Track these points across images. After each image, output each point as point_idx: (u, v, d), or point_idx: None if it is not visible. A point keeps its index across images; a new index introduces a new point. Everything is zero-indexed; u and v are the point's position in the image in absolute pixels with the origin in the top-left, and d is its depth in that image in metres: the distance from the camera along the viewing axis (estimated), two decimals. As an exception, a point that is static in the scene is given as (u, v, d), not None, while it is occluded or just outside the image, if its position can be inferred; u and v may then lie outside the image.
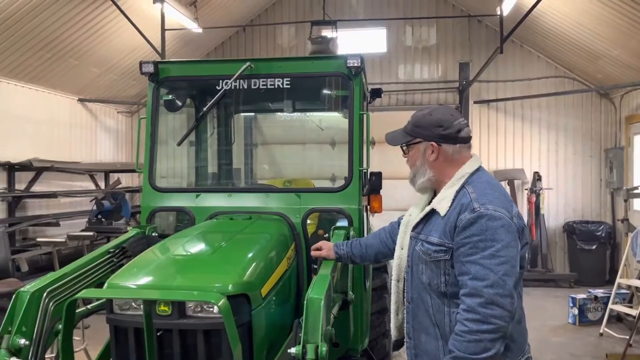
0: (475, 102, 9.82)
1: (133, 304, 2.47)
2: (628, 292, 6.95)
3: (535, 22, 8.24)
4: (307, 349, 2.18)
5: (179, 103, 4.13)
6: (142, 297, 2.29)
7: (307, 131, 5.23)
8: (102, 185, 9.54)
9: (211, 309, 2.41)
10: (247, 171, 5.54)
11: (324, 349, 2.19)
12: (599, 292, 7.03)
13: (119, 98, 9.90)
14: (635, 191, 7.41)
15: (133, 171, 9.81)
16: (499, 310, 1.93)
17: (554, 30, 8.39)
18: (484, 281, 1.95)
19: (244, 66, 3.72)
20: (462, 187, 2.15)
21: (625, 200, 7.94)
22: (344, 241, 3.00)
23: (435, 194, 2.30)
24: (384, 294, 4.46)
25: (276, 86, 3.79)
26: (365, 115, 3.71)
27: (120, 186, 9.21)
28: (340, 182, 3.82)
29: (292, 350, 2.22)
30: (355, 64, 3.61)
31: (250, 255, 2.86)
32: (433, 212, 2.21)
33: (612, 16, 6.80)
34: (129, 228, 8.14)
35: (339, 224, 3.86)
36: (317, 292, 2.39)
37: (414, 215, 2.35)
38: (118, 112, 10.38)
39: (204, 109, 3.97)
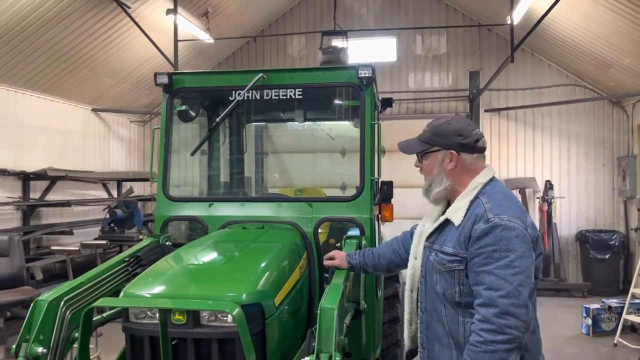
0: (486, 111, 9.81)
1: (148, 312, 2.50)
2: (642, 302, 6.87)
3: (546, 30, 8.23)
4: (320, 358, 2.20)
5: (193, 113, 4.18)
6: (158, 306, 2.32)
7: (318, 140, 5.26)
8: (114, 194, 9.64)
9: (225, 318, 2.43)
10: (258, 180, 5.59)
11: (337, 358, 2.20)
12: (613, 302, 6.96)
13: (131, 108, 10.02)
14: (649, 200, 7.34)
15: (145, 180, 9.91)
16: (514, 321, 1.93)
17: (565, 39, 8.38)
18: (498, 291, 1.95)
19: (257, 77, 3.76)
20: (476, 197, 2.16)
21: (639, 209, 7.87)
22: (357, 251, 3.01)
23: (448, 204, 2.31)
24: (396, 303, 4.46)
25: (288, 96, 3.83)
26: (376, 125, 3.73)
27: (132, 195, 9.30)
28: (350, 191, 3.84)
29: (306, 359, 2.24)
30: (367, 74, 3.64)
31: (263, 264, 2.89)
32: (447, 222, 2.22)
33: (624, 25, 6.79)
34: (141, 236, 8.25)
35: (350, 233, 3.88)
36: (330, 301, 2.40)
37: (428, 225, 2.36)
38: (131, 121, 10.50)
39: (217, 119, 4.02)
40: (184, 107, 4.11)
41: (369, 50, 10.17)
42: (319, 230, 3.72)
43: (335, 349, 2.23)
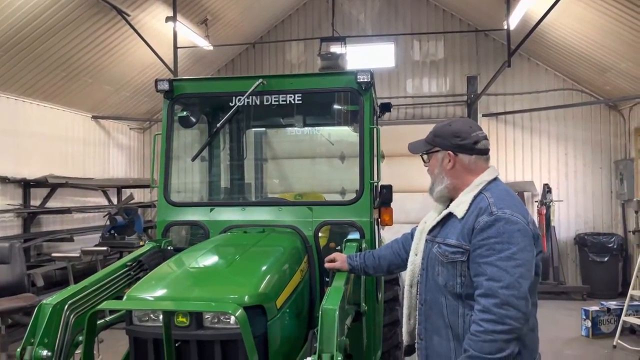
0: (483, 115, 9.86)
1: (152, 315, 2.54)
2: (641, 304, 6.90)
3: (543, 35, 8.30)
4: (322, 359, 2.23)
5: (193, 119, 4.22)
6: (161, 308, 2.35)
7: (317, 145, 5.31)
8: (114, 200, 9.66)
9: (228, 320, 2.47)
10: (257, 185, 5.62)
11: (339, 358, 2.23)
12: (612, 304, 6.98)
13: (131, 115, 10.07)
14: (647, 202, 7.39)
15: (145, 187, 9.95)
16: (513, 312, 1.98)
17: (561, 43, 8.45)
18: (499, 282, 2.00)
19: (257, 83, 3.81)
20: (480, 192, 2.22)
21: (637, 212, 7.91)
22: (357, 253, 3.05)
23: (450, 203, 2.37)
24: (396, 306, 4.48)
25: (288, 102, 3.87)
26: (375, 129, 3.77)
27: (132, 202, 9.33)
28: (350, 196, 3.88)
29: (308, 359, 2.27)
30: (365, 80, 3.69)
31: (264, 267, 2.92)
32: (449, 216, 2.28)
33: (620, 29, 6.85)
34: (141, 243, 8.28)
35: (350, 236, 3.91)
36: (331, 302, 2.43)
37: (429, 221, 2.42)
38: (130, 128, 10.54)
39: (218, 124, 4.06)
40: (184, 113, 4.15)
41: (367, 56, 10.24)
42: (319, 234, 3.76)
43: (336, 349, 2.26)
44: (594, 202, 9.60)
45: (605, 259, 8.95)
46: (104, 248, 7.14)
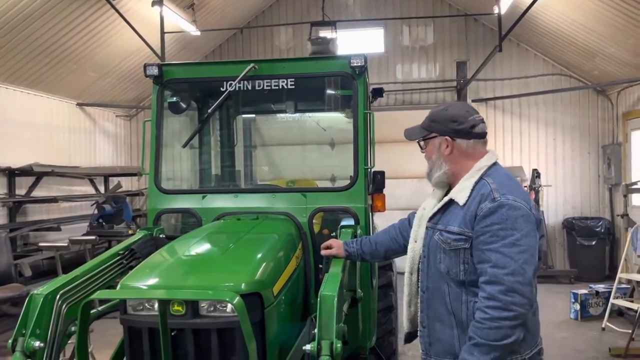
0: (473, 101, 9.85)
1: (146, 304, 2.48)
2: (629, 286, 6.99)
3: (532, 20, 8.28)
4: (322, 346, 2.21)
5: (183, 105, 4.14)
6: (157, 297, 2.30)
7: (309, 132, 5.25)
8: (101, 189, 9.53)
9: (224, 308, 2.43)
10: (248, 173, 5.56)
11: (338, 345, 2.21)
12: (600, 287, 7.07)
13: (117, 102, 9.90)
14: (635, 187, 7.46)
15: (133, 175, 9.82)
16: (519, 298, 1.97)
17: (551, 29, 8.44)
18: (504, 269, 1.99)
19: (248, 67, 3.74)
20: (481, 178, 2.20)
21: (625, 196, 7.99)
22: (353, 239, 3.02)
23: (450, 189, 2.34)
24: (390, 292, 4.48)
25: (280, 87, 3.81)
26: (370, 115, 3.73)
27: (120, 190, 9.21)
28: (340, 183, 3.84)
29: (307, 347, 2.24)
30: (359, 64, 3.65)
31: (260, 254, 2.88)
32: (451, 202, 2.25)
33: (610, 14, 6.85)
34: (130, 231, 8.19)
35: (343, 223, 3.89)
36: (330, 289, 2.41)
37: (428, 209, 2.39)
38: (116, 115, 10.38)
39: (209, 110, 3.98)
40: (174, 98, 4.07)
41: (356, 42, 10.15)
42: (313, 221, 3.72)
43: (335, 336, 2.24)
44: (581, 187, 9.68)
45: (593, 242, 9.06)
46: (93, 237, 7.06)
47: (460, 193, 2.20)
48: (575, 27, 7.85)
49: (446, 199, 2.28)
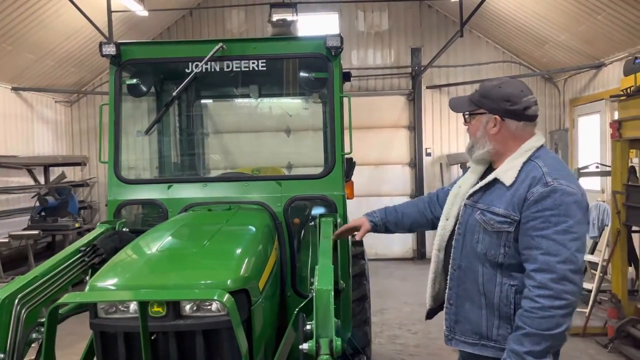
0: (427, 88, 9.94)
1: (120, 307, 2.25)
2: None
3: (485, 7, 8.33)
4: (320, 344, 2.05)
5: (144, 88, 3.84)
6: (140, 299, 2.07)
7: (277, 117, 5.06)
8: (41, 180, 8.89)
9: (209, 307, 2.24)
10: (206, 160, 5.28)
11: (338, 343, 2.06)
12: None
13: (57, 86, 9.24)
14: (586, 170, 7.73)
15: (77, 164, 9.26)
16: (570, 286, 1.94)
17: (503, 16, 8.57)
18: (556, 257, 1.94)
19: (216, 47, 3.50)
20: (529, 159, 2.11)
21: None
22: (375, 210, 2.84)
23: (490, 166, 2.26)
24: (363, 280, 4.38)
25: (251, 68, 3.60)
26: (348, 98, 3.58)
27: (64, 180, 8.62)
28: (297, 171, 3.67)
29: (304, 346, 2.08)
30: (335, 44, 3.51)
31: (241, 248, 2.70)
32: (494, 181, 2.15)
33: (563, 1, 7.00)
34: (77, 224, 7.71)
35: (314, 211, 3.75)
36: (324, 283, 2.25)
37: (465, 186, 2.30)
38: (56, 101, 9.70)
39: (174, 93, 3.71)
40: (134, 80, 3.76)
41: (311, 27, 9.94)
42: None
43: (334, 334, 2.09)
44: (531, 172, 9.97)
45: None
46: (36, 232, 6.61)
47: (507, 173, 2.11)
48: (527, 14, 8.00)
49: (490, 177, 2.18)
